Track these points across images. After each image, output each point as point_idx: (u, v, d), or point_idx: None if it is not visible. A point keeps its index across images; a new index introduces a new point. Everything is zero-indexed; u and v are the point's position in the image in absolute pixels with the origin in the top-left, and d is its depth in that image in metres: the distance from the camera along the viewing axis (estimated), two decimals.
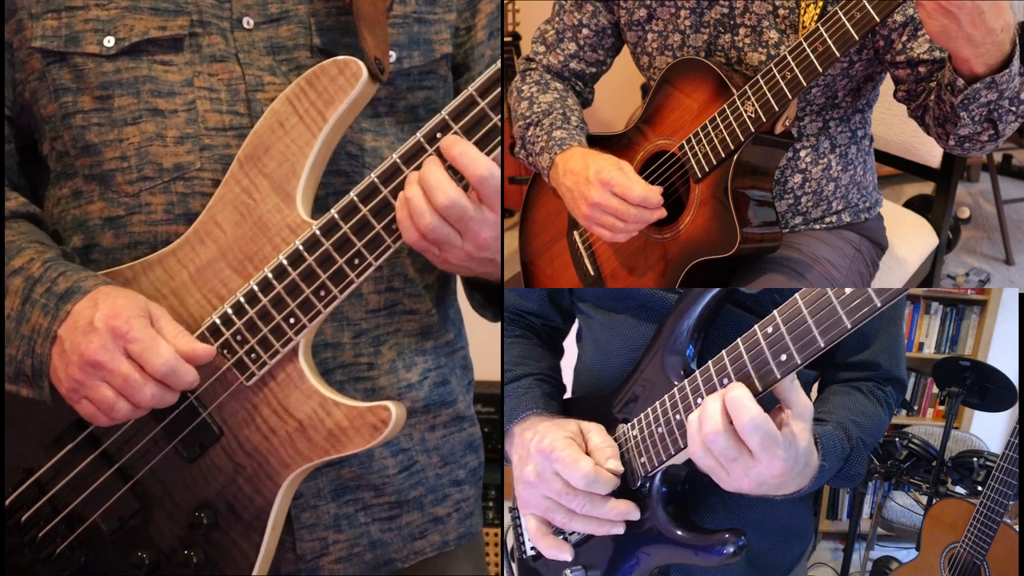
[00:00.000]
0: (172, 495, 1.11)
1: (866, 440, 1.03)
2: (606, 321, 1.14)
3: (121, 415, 1.02)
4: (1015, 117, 1.19)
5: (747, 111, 1.24)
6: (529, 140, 1.47)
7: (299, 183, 1.08)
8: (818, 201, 1.47)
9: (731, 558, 0.92)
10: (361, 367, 1.18)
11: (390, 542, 1.22)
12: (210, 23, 1.11)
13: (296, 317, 1.07)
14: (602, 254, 1.48)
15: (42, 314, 1.04)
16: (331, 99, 1.06)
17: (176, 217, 1.11)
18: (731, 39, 1.36)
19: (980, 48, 1.08)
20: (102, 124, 1.11)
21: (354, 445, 1.08)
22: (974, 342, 3.06)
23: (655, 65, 1.46)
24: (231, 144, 1.10)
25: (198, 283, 1.09)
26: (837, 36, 1.13)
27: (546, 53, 1.57)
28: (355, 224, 1.05)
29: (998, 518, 1.90)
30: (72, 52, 1.10)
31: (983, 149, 1.25)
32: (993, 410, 2.33)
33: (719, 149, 1.28)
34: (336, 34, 1.14)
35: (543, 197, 1.58)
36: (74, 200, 1.15)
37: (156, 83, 1.10)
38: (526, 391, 1.10)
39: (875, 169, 1.58)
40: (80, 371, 1.01)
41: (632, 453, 0.98)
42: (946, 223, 1.96)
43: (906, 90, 1.33)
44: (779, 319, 0.83)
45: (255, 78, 1.12)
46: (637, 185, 1.26)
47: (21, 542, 1.13)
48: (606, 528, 0.98)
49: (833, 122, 1.43)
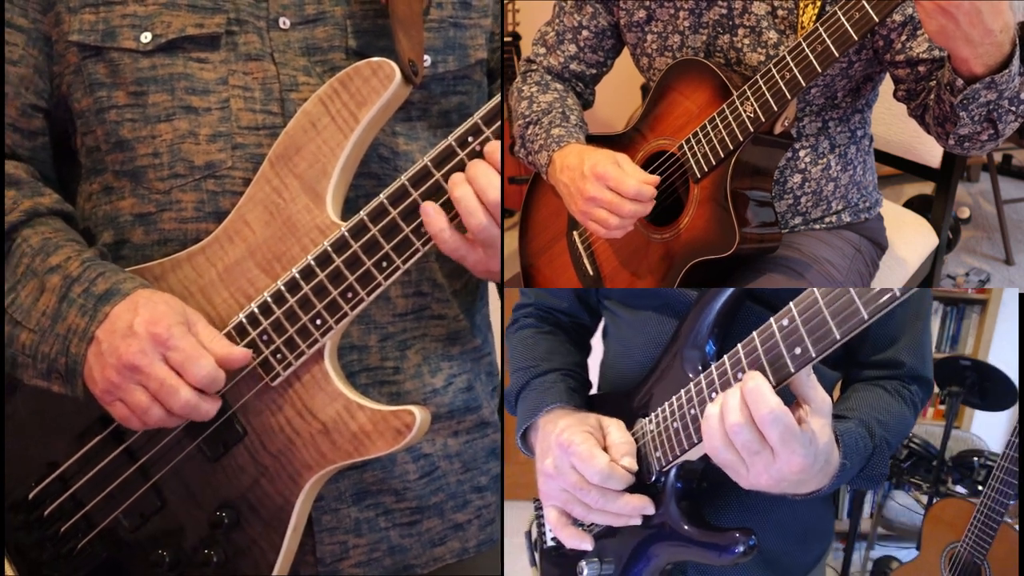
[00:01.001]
0: (194, 494, 1.12)
1: (890, 440, 1.01)
2: (631, 319, 1.15)
3: (154, 420, 1.03)
4: (1015, 117, 1.18)
5: (746, 111, 1.24)
6: (528, 138, 1.47)
7: (330, 184, 1.07)
8: (818, 201, 1.47)
9: (741, 558, 0.91)
10: (387, 371, 1.18)
11: (409, 548, 1.22)
12: (247, 21, 1.11)
13: (323, 318, 1.07)
14: (601, 254, 1.48)
15: (79, 314, 1.05)
16: (364, 100, 1.06)
17: (206, 215, 1.11)
18: (730, 40, 1.36)
19: (979, 48, 1.07)
20: (135, 120, 1.11)
21: (377, 449, 1.08)
22: (974, 342, 3.06)
23: (655, 66, 1.46)
24: (263, 143, 1.10)
25: (226, 282, 1.10)
26: (836, 36, 1.13)
27: (546, 55, 1.57)
28: (384, 227, 1.05)
29: (999, 518, 1.90)
30: (108, 47, 1.10)
31: (983, 148, 1.25)
32: (993, 409, 2.33)
33: (718, 149, 1.28)
34: (372, 37, 1.13)
35: (543, 197, 1.59)
36: (105, 196, 1.15)
37: (191, 80, 1.10)
38: (552, 385, 1.11)
39: (875, 169, 1.58)
40: (117, 374, 1.02)
41: (649, 447, 0.99)
42: (946, 223, 1.96)
43: (906, 89, 1.33)
44: (795, 311, 0.81)
45: (289, 78, 1.11)
46: (631, 179, 1.26)
47: (43, 536, 1.13)
48: (621, 521, 0.99)
49: (832, 122, 1.43)
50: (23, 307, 1.07)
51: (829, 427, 0.86)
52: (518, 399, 1.15)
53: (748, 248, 1.29)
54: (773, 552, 1.07)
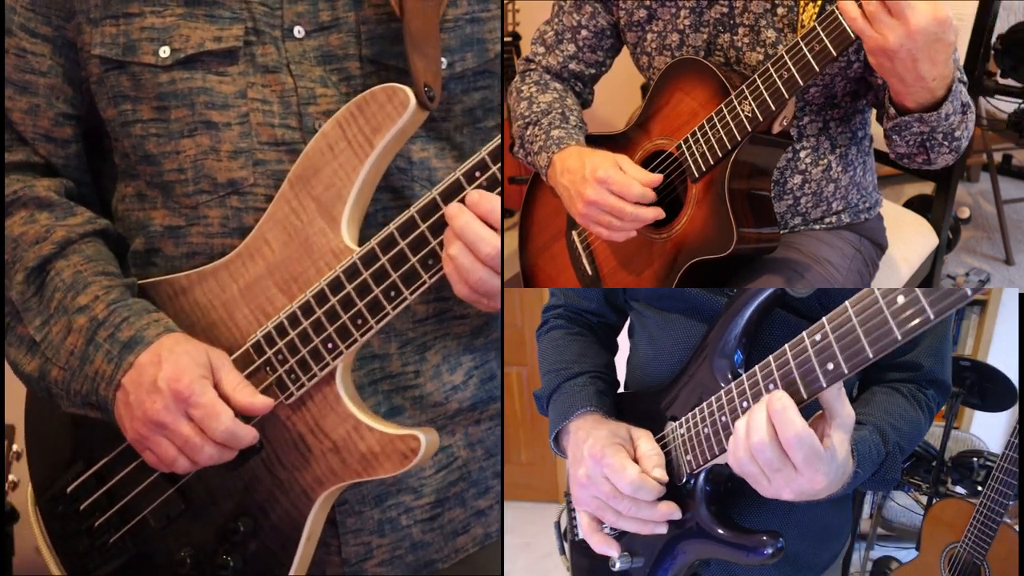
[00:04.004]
0: (215, 500, 1.16)
1: (903, 445, 1.03)
2: (659, 320, 1.17)
3: (182, 469, 1.08)
4: (949, 150, 1.23)
5: (744, 111, 1.24)
6: (528, 139, 1.47)
7: (345, 208, 1.09)
8: (818, 202, 1.47)
9: (769, 559, 0.95)
10: (408, 376, 1.20)
11: (431, 542, 1.24)
12: (263, 31, 1.11)
13: (334, 343, 1.09)
14: (600, 254, 1.48)
15: (105, 360, 1.08)
16: (379, 126, 1.07)
17: (231, 231, 1.13)
18: (730, 39, 1.36)
19: (910, 88, 1.11)
20: (160, 135, 1.12)
21: (385, 470, 1.11)
22: (974, 342, 3.05)
23: (654, 65, 1.46)
24: (283, 159, 1.12)
25: (246, 298, 1.12)
26: (834, 36, 1.12)
27: (545, 54, 1.57)
28: (393, 256, 1.06)
29: (998, 518, 1.90)
30: (130, 61, 1.11)
31: (922, 168, 1.29)
32: (993, 410, 2.33)
33: (716, 149, 1.28)
34: (385, 43, 1.13)
35: (543, 197, 1.59)
36: (139, 202, 1.17)
37: (210, 95, 1.11)
38: (582, 388, 1.14)
39: (875, 169, 1.58)
40: (144, 427, 1.06)
41: (679, 451, 1.02)
42: (946, 223, 1.96)
43: (875, 95, 1.35)
44: (828, 327, 0.82)
45: (307, 90, 1.12)
46: (635, 183, 1.26)
47: (80, 529, 1.20)
48: (650, 528, 1.02)
49: (833, 122, 1.43)
50: (53, 344, 1.11)
51: (849, 441, 0.89)
52: (550, 402, 1.17)
53: (746, 248, 1.28)
54: (794, 550, 1.08)
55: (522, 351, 3.02)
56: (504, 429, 1.32)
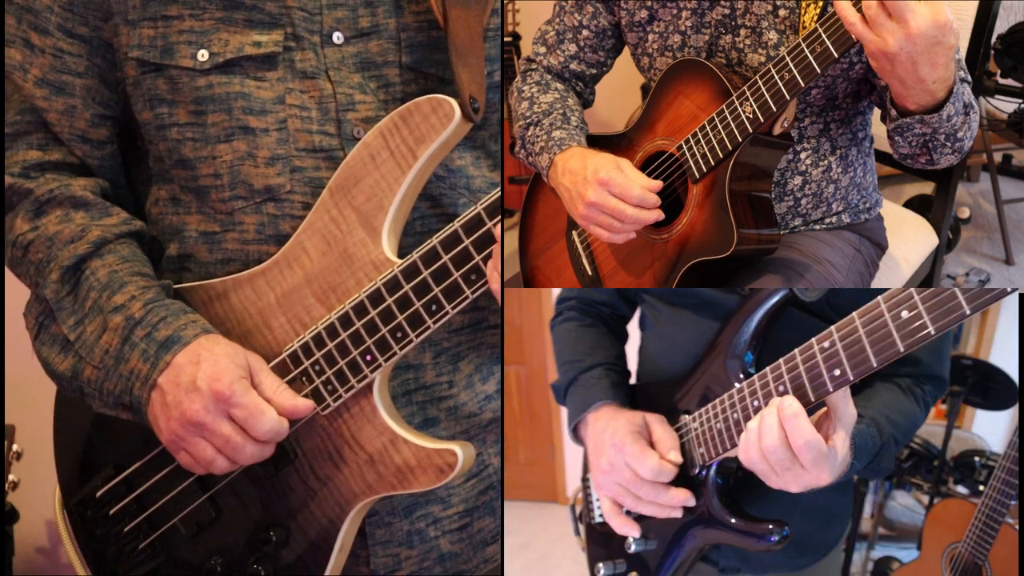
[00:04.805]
0: (247, 509, 1.15)
1: (898, 438, 1.08)
2: (671, 314, 1.20)
3: (219, 470, 1.07)
4: (952, 151, 1.23)
5: (745, 112, 1.23)
6: (529, 140, 1.47)
7: (386, 219, 1.08)
8: (818, 203, 1.47)
9: (776, 546, 1.02)
10: (442, 386, 1.19)
11: (460, 552, 1.23)
12: (303, 38, 1.10)
13: (372, 355, 1.08)
14: (600, 254, 1.47)
15: (141, 359, 1.07)
16: (423, 137, 1.06)
17: (267, 238, 1.12)
18: (732, 40, 1.36)
19: (910, 91, 1.12)
20: (196, 139, 1.11)
21: (420, 484, 1.10)
22: (975, 341, 3.05)
23: (655, 66, 1.46)
24: (321, 167, 1.10)
25: (283, 307, 1.11)
26: (836, 37, 1.12)
27: (546, 54, 1.57)
28: (436, 270, 1.05)
29: (1000, 518, 1.89)
30: (167, 64, 1.09)
31: (926, 167, 1.30)
32: (995, 409, 2.33)
33: (717, 150, 1.27)
34: (426, 51, 1.12)
35: (543, 197, 1.58)
36: (172, 206, 1.16)
37: (248, 100, 1.09)
38: (598, 380, 1.18)
39: (875, 170, 1.58)
40: (181, 428, 1.05)
41: (692, 443, 1.07)
42: (946, 223, 1.95)
43: (878, 96, 1.35)
44: (836, 336, 0.87)
45: (346, 97, 1.10)
46: (635, 186, 1.26)
47: (108, 533, 1.18)
48: (666, 512, 1.08)
49: (834, 124, 1.43)
50: (87, 343, 1.10)
51: (849, 438, 0.94)
52: (567, 393, 1.21)
53: (746, 249, 1.28)
54: (799, 534, 1.12)
55: (520, 350, 3.02)
56: (504, 430, 1.31)
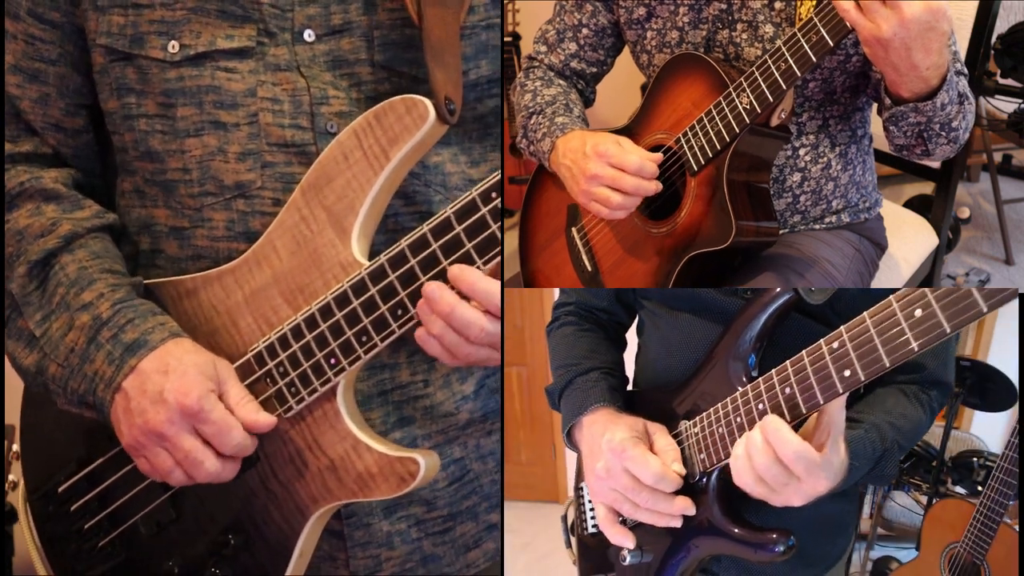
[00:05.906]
0: (208, 510, 1.13)
1: (902, 443, 1.05)
2: (670, 319, 1.17)
3: (176, 482, 1.06)
4: (946, 141, 1.23)
5: (742, 103, 1.24)
6: (531, 128, 1.48)
7: (356, 220, 1.06)
8: (817, 200, 1.47)
9: (780, 557, 0.97)
10: (417, 385, 1.17)
11: (442, 556, 1.21)
12: (275, 34, 1.08)
13: (337, 359, 1.06)
14: (599, 249, 1.48)
15: (106, 362, 1.05)
16: (396, 138, 1.03)
17: (237, 235, 1.10)
18: (729, 35, 1.36)
19: (904, 78, 1.12)
20: (165, 132, 1.09)
21: (381, 492, 1.08)
22: (974, 342, 3.05)
23: (654, 63, 1.46)
24: (292, 162, 1.08)
25: (251, 306, 1.10)
26: (831, 26, 1.13)
27: (547, 52, 1.57)
28: (403, 274, 1.03)
29: (998, 518, 1.89)
30: (136, 54, 1.07)
31: (921, 159, 1.30)
32: (993, 410, 2.32)
33: (715, 141, 1.28)
34: (399, 49, 1.09)
35: (543, 196, 1.59)
36: (138, 199, 1.15)
37: (219, 93, 1.07)
38: (594, 384, 1.14)
39: (875, 169, 1.58)
40: (143, 435, 1.04)
41: (692, 449, 1.03)
42: (946, 223, 1.95)
43: (875, 90, 1.36)
44: (846, 335, 0.84)
45: (320, 90, 1.08)
46: (633, 155, 1.27)
47: (69, 530, 1.16)
48: (666, 521, 1.03)
49: (833, 120, 1.43)
50: (52, 340, 1.08)
51: (842, 441, 0.92)
52: (561, 397, 1.17)
53: (745, 241, 1.29)
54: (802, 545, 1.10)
55: (522, 351, 3.02)
56: (504, 429, 1.31)
